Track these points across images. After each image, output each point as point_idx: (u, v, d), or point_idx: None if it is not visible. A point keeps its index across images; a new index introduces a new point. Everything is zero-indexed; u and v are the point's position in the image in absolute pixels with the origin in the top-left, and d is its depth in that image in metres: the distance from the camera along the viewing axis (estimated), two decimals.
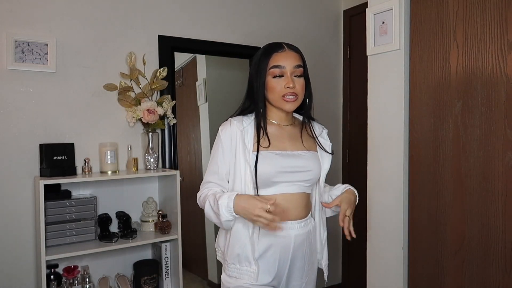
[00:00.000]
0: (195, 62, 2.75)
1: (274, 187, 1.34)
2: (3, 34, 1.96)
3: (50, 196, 1.95)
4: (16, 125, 2.00)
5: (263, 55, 1.37)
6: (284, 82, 1.33)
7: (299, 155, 1.38)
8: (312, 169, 1.39)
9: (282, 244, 1.36)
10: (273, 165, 1.33)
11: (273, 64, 1.34)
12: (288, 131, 1.42)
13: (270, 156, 1.34)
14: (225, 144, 1.37)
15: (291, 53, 1.37)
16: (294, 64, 1.35)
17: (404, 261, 1.86)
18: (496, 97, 1.54)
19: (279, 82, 1.33)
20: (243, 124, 1.37)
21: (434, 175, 1.75)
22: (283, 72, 1.34)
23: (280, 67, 1.33)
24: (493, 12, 1.54)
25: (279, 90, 1.33)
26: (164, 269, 2.21)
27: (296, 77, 1.35)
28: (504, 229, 1.52)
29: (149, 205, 2.26)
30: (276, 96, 1.34)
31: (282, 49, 1.37)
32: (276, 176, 1.33)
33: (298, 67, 1.36)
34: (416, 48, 1.81)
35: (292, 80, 1.33)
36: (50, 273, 1.97)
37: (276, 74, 1.34)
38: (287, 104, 1.34)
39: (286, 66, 1.34)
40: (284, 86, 1.33)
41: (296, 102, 1.35)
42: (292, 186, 1.36)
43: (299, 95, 1.36)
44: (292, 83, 1.32)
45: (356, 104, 2.98)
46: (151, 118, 2.14)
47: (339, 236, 3.12)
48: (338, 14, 3.08)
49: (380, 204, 1.96)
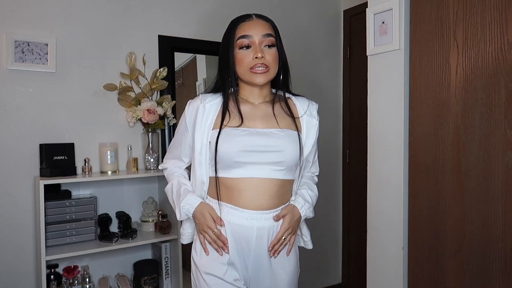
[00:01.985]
0: (195, 62, 2.74)
1: (239, 169, 1.21)
2: (3, 34, 1.96)
3: (50, 196, 1.95)
4: (16, 125, 2.00)
5: (230, 26, 1.27)
6: (252, 53, 1.21)
7: (270, 133, 1.23)
8: (284, 150, 1.22)
9: (242, 235, 1.24)
10: (236, 143, 1.20)
11: (239, 34, 1.23)
12: (262, 109, 1.29)
13: (233, 133, 1.22)
14: (188, 120, 1.30)
15: (259, 21, 1.25)
16: (262, 33, 1.23)
17: (404, 261, 1.86)
18: (496, 97, 1.54)
19: (246, 54, 1.22)
20: (206, 100, 1.27)
21: (434, 175, 1.75)
22: (251, 42, 1.22)
23: (247, 36, 1.22)
24: (493, 12, 1.54)
25: (247, 62, 1.21)
26: (164, 269, 2.21)
27: (267, 47, 1.23)
28: (504, 229, 1.52)
29: (149, 205, 2.26)
30: (244, 69, 1.23)
31: (249, 18, 1.26)
32: (239, 156, 1.20)
33: (268, 35, 1.23)
34: (416, 48, 1.81)
35: (261, 50, 1.21)
36: (50, 273, 1.97)
37: (243, 45, 1.22)
38: (257, 76, 1.22)
39: (253, 35, 1.22)
40: (253, 57, 1.21)
41: (268, 74, 1.23)
42: (261, 170, 1.22)
43: (271, 67, 1.23)
44: (261, 53, 1.20)
45: (356, 104, 2.97)
46: (151, 118, 2.14)
47: (339, 236, 3.12)
48: (338, 14, 3.08)
49: (380, 204, 1.96)
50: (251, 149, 1.20)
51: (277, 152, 1.22)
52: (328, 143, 3.02)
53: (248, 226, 1.23)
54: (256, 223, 1.23)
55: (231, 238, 1.25)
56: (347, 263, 3.10)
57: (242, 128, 1.23)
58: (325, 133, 3.02)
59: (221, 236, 1.24)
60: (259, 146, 1.21)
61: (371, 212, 2.00)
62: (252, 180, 1.22)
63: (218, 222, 1.24)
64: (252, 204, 1.22)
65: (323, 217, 3.02)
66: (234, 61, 1.24)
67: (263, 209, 1.24)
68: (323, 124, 3.07)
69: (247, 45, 1.22)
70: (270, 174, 1.23)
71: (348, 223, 3.07)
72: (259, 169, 1.22)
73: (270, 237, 1.26)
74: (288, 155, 1.23)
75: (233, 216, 1.24)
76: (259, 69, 1.21)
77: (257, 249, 1.26)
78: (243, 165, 1.21)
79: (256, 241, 1.25)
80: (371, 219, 2.00)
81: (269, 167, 1.22)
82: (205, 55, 2.65)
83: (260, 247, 1.26)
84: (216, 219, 1.25)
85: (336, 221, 3.11)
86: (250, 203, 1.22)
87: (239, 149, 1.20)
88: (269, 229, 1.26)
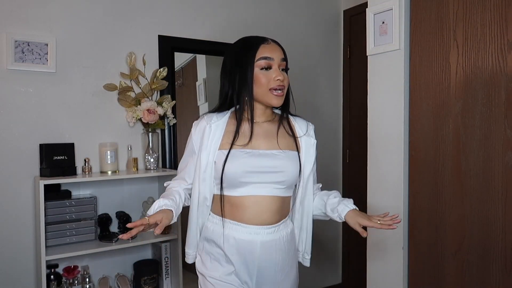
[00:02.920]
0: (195, 62, 2.74)
1: (243, 188, 1.28)
2: (3, 34, 1.96)
3: (50, 196, 1.95)
4: (16, 125, 2.00)
5: (246, 47, 1.30)
6: (273, 75, 1.26)
7: (273, 155, 1.30)
8: (286, 170, 1.30)
9: (247, 249, 1.29)
10: (241, 165, 1.26)
11: (261, 55, 1.27)
12: (264, 128, 1.34)
13: (238, 155, 1.27)
14: (195, 141, 1.35)
15: (277, 46, 1.31)
16: (281, 57, 1.29)
17: (404, 261, 1.86)
18: (496, 97, 1.54)
19: (266, 75, 1.27)
20: (212, 121, 1.32)
21: (434, 175, 1.75)
22: (271, 64, 1.27)
23: (268, 58, 1.27)
24: (493, 12, 1.54)
25: (266, 82, 1.26)
26: (164, 269, 2.21)
27: (283, 71, 1.30)
28: (504, 229, 1.52)
29: (149, 205, 2.25)
30: (263, 89, 1.27)
31: (267, 41, 1.30)
32: (244, 177, 1.26)
33: (284, 60, 1.30)
34: (416, 48, 1.81)
35: (280, 72, 1.28)
36: (50, 273, 1.98)
37: (264, 66, 1.27)
38: (275, 98, 1.28)
39: (274, 58, 1.27)
40: (274, 79, 1.26)
41: (283, 97, 1.30)
42: (264, 188, 1.28)
43: (285, 90, 1.30)
44: (282, 76, 1.27)
45: (356, 104, 2.97)
46: (151, 118, 2.14)
47: (339, 236, 3.12)
48: (338, 14, 3.08)
49: (380, 204, 1.95)
50: (255, 170, 1.27)
51: (279, 173, 1.29)
52: (328, 143, 3.02)
53: (252, 240, 1.29)
54: (260, 237, 1.30)
55: (236, 252, 1.30)
56: (347, 263, 3.10)
57: (247, 150, 1.29)
58: (325, 133, 3.02)
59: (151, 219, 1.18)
60: (263, 167, 1.28)
61: (371, 212, 2.00)
62: (256, 197, 1.29)
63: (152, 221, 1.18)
64: (255, 219, 1.29)
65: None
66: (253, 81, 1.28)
67: (266, 224, 1.30)
68: (324, 124, 3.05)
69: (268, 66, 1.27)
70: (272, 192, 1.30)
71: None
72: (262, 187, 1.29)
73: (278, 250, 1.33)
74: (289, 175, 1.31)
75: (237, 232, 1.30)
76: (278, 91, 1.27)
77: (262, 262, 1.32)
78: (248, 184, 1.28)
79: (260, 253, 1.30)
80: None
81: (272, 186, 1.29)
82: (205, 55, 2.64)
83: (267, 260, 1.32)
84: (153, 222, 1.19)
85: (336, 221, 3.11)
86: (253, 219, 1.29)
87: (244, 170, 1.26)
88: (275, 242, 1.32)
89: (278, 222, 1.33)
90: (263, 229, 1.30)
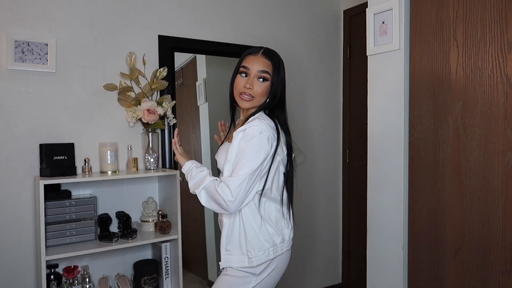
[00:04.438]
0: (195, 62, 2.74)
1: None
2: (3, 34, 1.96)
3: (50, 196, 1.95)
4: (16, 125, 2.00)
5: (242, 55, 1.53)
6: (244, 82, 1.46)
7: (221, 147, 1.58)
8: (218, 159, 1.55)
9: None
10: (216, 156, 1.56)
11: (243, 64, 1.49)
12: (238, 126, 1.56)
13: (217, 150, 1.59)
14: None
15: (261, 59, 1.48)
16: (259, 69, 1.46)
17: (404, 261, 1.86)
18: (496, 97, 1.54)
19: (241, 80, 1.47)
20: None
21: (434, 175, 1.75)
22: (248, 73, 1.47)
23: (245, 67, 1.47)
24: (493, 12, 1.54)
25: (239, 87, 1.48)
26: (164, 269, 2.21)
27: (261, 80, 1.46)
28: (504, 229, 1.52)
29: (149, 205, 2.26)
30: (236, 92, 1.49)
31: (255, 53, 1.50)
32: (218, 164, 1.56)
33: (264, 72, 1.46)
34: (416, 48, 1.81)
35: (251, 82, 1.46)
36: (50, 273, 1.97)
37: (241, 72, 1.48)
38: (242, 101, 1.48)
39: (250, 68, 1.46)
40: (243, 85, 1.46)
41: (252, 102, 1.47)
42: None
43: (256, 97, 1.47)
44: (250, 85, 1.45)
45: (356, 104, 2.98)
46: (151, 118, 2.14)
47: (339, 236, 3.12)
48: (338, 14, 3.08)
49: (380, 204, 1.96)
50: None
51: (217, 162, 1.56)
52: (328, 143, 3.02)
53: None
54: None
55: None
56: (347, 263, 3.10)
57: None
58: (325, 133, 3.02)
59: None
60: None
61: (371, 212, 2.00)
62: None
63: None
64: None
65: (323, 217, 3.02)
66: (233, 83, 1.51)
67: None
68: (323, 124, 3.05)
69: (245, 73, 1.48)
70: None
71: (348, 223, 3.07)
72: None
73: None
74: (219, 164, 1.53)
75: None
76: (245, 96, 1.47)
77: None
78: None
79: None
80: (371, 219, 2.00)
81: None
82: (205, 55, 2.64)
83: None
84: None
85: (336, 221, 3.11)
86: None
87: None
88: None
89: None
90: None
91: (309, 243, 2.98)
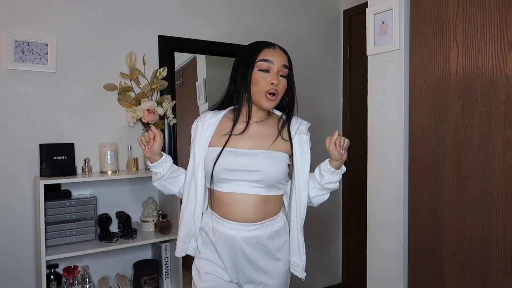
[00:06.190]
0: (195, 62, 2.74)
1: (226, 184, 1.34)
2: (3, 34, 1.96)
3: (50, 196, 1.95)
4: (16, 125, 2.00)
5: (252, 49, 1.36)
6: (270, 78, 1.31)
7: (253, 154, 1.33)
8: (263, 170, 1.31)
9: (231, 243, 1.35)
10: (220, 162, 1.32)
11: (262, 57, 1.32)
12: (255, 129, 1.38)
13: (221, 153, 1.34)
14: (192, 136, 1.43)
15: (281, 53, 1.36)
16: (282, 63, 1.34)
17: (404, 261, 1.86)
18: (496, 97, 1.54)
19: (264, 77, 1.32)
20: (206, 118, 1.39)
21: (434, 175, 1.75)
22: (270, 68, 1.32)
23: (268, 61, 1.32)
24: (493, 12, 1.54)
25: (263, 84, 1.31)
26: (164, 269, 2.21)
27: (281, 76, 1.34)
28: (504, 229, 1.52)
29: (149, 205, 2.26)
30: (259, 90, 1.32)
31: (273, 46, 1.36)
32: (223, 173, 1.32)
33: (285, 67, 1.35)
34: (416, 48, 1.81)
35: (277, 77, 1.32)
36: (50, 273, 1.98)
37: (263, 68, 1.32)
38: (267, 101, 1.33)
39: (274, 62, 1.32)
40: (269, 82, 1.31)
41: (275, 101, 1.34)
42: (243, 186, 1.32)
43: (279, 95, 1.34)
44: (277, 80, 1.31)
45: (356, 104, 2.97)
46: (151, 118, 2.14)
47: (339, 236, 3.12)
48: (338, 14, 3.08)
49: (380, 204, 1.95)
50: (234, 168, 1.32)
51: (257, 172, 1.31)
52: None
53: (234, 235, 1.35)
54: (241, 233, 1.34)
55: (223, 245, 1.37)
56: (347, 263, 3.10)
57: (229, 149, 1.34)
58: (325, 133, 3.01)
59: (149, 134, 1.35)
60: (241, 165, 1.32)
61: (371, 212, 2.00)
62: (237, 195, 1.33)
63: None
64: (236, 216, 1.34)
65: (323, 217, 3.02)
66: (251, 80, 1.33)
67: (247, 221, 1.34)
68: (324, 124, 3.05)
69: (266, 69, 1.32)
70: (252, 190, 1.33)
71: (348, 223, 3.07)
72: (242, 185, 1.33)
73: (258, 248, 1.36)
74: (267, 175, 1.32)
75: (222, 226, 1.36)
76: (271, 95, 1.32)
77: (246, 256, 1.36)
78: (229, 182, 1.33)
79: (242, 249, 1.35)
80: (371, 219, 2.00)
81: (251, 184, 1.33)
82: (205, 55, 2.64)
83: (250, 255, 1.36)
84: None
85: (336, 221, 3.11)
86: (234, 216, 1.34)
87: (223, 167, 1.32)
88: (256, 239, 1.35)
89: (261, 221, 1.35)
90: (244, 226, 1.34)
91: (309, 243, 2.98)
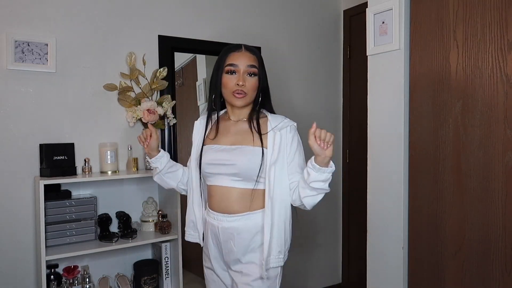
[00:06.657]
0: (195, 62, 2.74)
1: (211, 178, 1.47)
2: (3, 34, 1.96)
3: (50, 196, 1.95)
4: (16, 125, 2.00)
5: (221, 55, 1.48)
6: (236, 79, 1.43)
7: (230, 149, 1.45)
8: (237, 163, 1.40)
9: (213, 232, 1.48)
10: (206, 158, 1.46)
11: (228, 62, 1.44)
12: (237, 126, 1.50)
13: (207, 150, 1.49)
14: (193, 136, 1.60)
15: (246, 53, 1.46)
16: (247, 64, 1.44)
17: (404, 261, 1.86)
18: (496, 97, 1.54)
19: (231, 79, 1.43)
20: (200, 119, 1.56)
21: (434, 175, 1.75)
22: (236, 70, 1.43)
23: (233, 65, 1.43)
24: (493, 12, 1.54)
25: (231, 86, 1.43)
26: (164, 269, 2.21)
27: (249, 76, 1.44)
28: (504, 229, 1.52)
29: (149, 205, 2.26)
30: (228, 91, 1.45)
31: (239, 49, 1.47)
32: (207, 168, 1.46)
33: (252, 66, 1.44)
34: (416, 48, 1.81)
35: (243, 78, 1.42)
36: (50, 273, 1.97)
37: (229, 71, 1.44)
38: (236, 99, 1.44)
39: (239, 65, 1.43)
40: (235, 83, 1.42)
41: (245, 99, 1.44)
42: (223, 179, 1.44)
43: (248, 93, 1.44)
44: (242, 81, 1.42)
45: (356, 104, 2.98)
46: (151, 118, 2.14)
47: (339, 236, 3.12)
48: (338, 14, 3.08)
49: (380, 204, 1.96)
50: (214, 163, 1.45)
51: (231, 165, 1.42)
52: None
53: (216, 225, 1.47)
54: (221, 224, 1.45)
55: (210, 234, 1.50)
56: (347, 263, 3.10)
57: (212, 146, 1.49)
58: None
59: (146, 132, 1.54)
60: (220, 160, 1.44)
61: (371, 212, 2.00)
62: (219, 187, 1.46)
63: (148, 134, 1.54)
64: (217, 207, 1.46)
65: (323, 217, 3.02)
66: (221, 83, 1.46)
67: (226, 212, 1.44)
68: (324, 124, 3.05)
69: (232, 71, 1.44)
70: (230, 183, 1.44)
71: (348, 223, 3.07)
72: (222, 178, 1.45)
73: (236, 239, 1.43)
74: (240, 168, 1.41)
75: (209, 217, 1.50)
76: (238, 94, 1.43)
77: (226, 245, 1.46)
78: (212, 176, 1.47)
79: (224, 238, 1.45)
80: (371, 219, 2.00)
81: (229, 178, 1.43)
82: (205, 55, 2.64)
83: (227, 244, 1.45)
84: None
85: (336, 221, 3.11)
86: (217, 206, 1.46)
87: (206, 162, 1.46)
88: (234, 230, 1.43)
89: (241, 213, 1.43)
90: (224, 217, 1.44)
91: (309, 243, 2.98)
